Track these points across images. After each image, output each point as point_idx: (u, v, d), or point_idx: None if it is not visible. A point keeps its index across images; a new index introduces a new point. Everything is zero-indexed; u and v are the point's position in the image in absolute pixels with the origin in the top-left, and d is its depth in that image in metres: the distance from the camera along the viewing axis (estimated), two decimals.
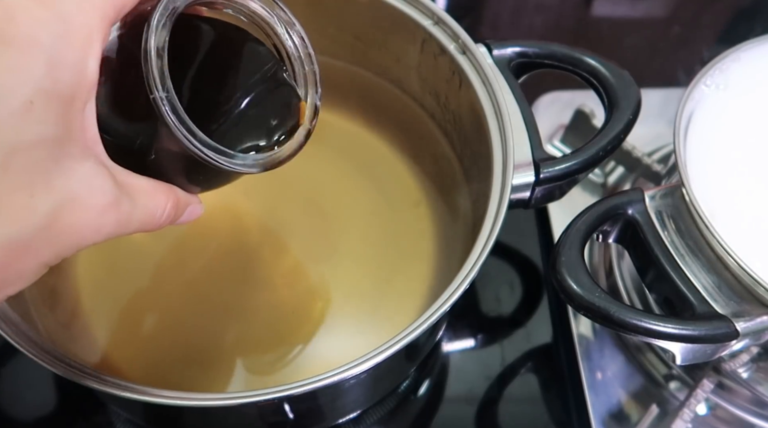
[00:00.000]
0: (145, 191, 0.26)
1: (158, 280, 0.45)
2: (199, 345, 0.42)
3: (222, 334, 0.43)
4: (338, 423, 0.45)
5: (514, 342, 0.50)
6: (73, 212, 0.23)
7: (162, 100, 0.25)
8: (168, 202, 0.27)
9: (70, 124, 0.22)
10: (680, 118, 0.40)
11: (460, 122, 0.45)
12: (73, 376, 0.31)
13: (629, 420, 0.46)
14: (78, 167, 0.23)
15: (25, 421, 0.46)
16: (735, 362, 0.44)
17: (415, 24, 0.44)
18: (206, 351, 0.42)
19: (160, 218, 0.27)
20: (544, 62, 0.42)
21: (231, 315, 0.43)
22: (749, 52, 0.43)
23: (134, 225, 0.26)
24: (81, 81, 0.22)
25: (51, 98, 0.21)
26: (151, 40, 0.25)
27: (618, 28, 0.72)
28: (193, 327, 0.43)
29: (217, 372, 0.41)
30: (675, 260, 0.37)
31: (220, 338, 0.42)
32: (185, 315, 0.43)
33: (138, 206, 0.26)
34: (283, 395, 0.31)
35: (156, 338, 0.43)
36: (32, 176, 0.22)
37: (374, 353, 0.31)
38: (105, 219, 0.24)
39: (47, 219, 0.22)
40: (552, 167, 0.38)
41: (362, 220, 0.47)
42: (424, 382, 0.49)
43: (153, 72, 0.25)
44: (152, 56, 0.25)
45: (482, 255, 0.34)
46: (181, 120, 0.26)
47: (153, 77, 0.25)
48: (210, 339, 0.42)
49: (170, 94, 0.25)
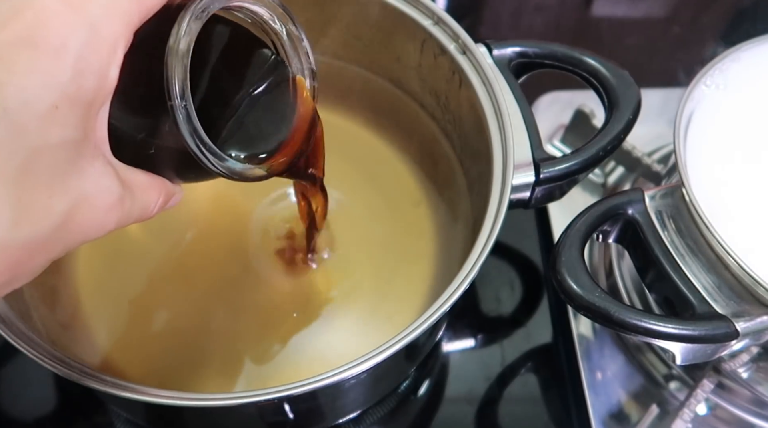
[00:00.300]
0: (142, 186, 0.27)
1: (158, 280, 0.45)
2: (199, 344, 0.42)
3: (222, 333, 0.43)
4: (338, 423, 0.45)
5: (514, 342, 0.51)
6: (84, 211, 0.24)
7: (179, 109, 0.25)
8: (160, 195, 0.28)
9: (87, 126, 0.23)
10: (680, 118, 0.40)
11: (460, 122, 0.45)
12: (73, 376, 0.31)
13: (629, 420, 0.46)
14: (89, 168, 0.23)
15: (25, 421, 0.46)
16: (735, 362, 0.44)
17: (415, 24, 0.44)
18: (206, 350, 0.42)
19: (152, 211, 0.28)
20: (544, 62, 0.42)
21: (231, 315, 0.43)
22: (749, 52, 0.43)
23: (132, 219, 0.26)
24: (102, 87, 0.23)
25: (74, 103, 0.22)
26: (177, 46, 0.25)
27: (618, 28, 0.72)
28: (193, 327, 0.43)
29: (216, 372, 0.41)
30: (675, 260, 0.37)
31: (220, 337, 0.42)
32: (185, 315, 0.43)
33: (137, 201, 0.26)
34: (283, 395, 0.31)
35: (156, 338, 0.43)
36: (52, 177, 0.22)
37: (374, 353, 0.31)
38: (110, 216, 0.25)
39: (62, 219, 0.23)
40: (552, 167, 0.38)
41: (362, 220, 0.47)
42: (424, 382, 0.49)
43: (174, 80, 0.25)
44: (175, 64, 0.25)
45: (482, 255, 0.34)
46: (194, 130, 0.26)
47: (173, 85, 0.25)
48: (210, 339, 0.42)
49: (188, 103, 0.25)
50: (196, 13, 0.26)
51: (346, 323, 0.43)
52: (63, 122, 0.22)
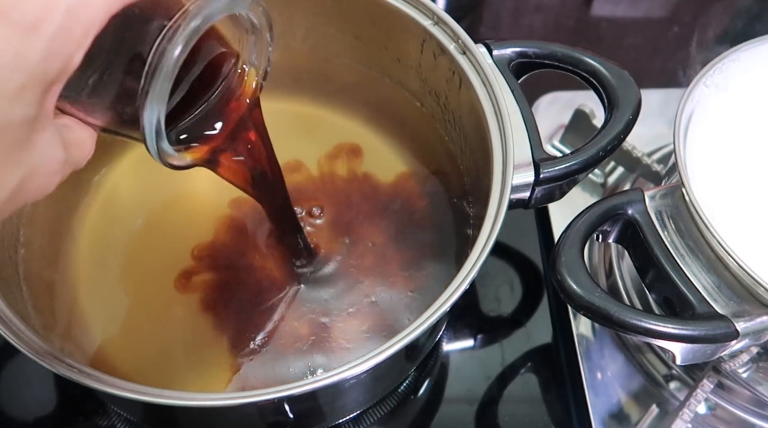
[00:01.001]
0: (80, 145, 0.27)
1: (158, 278, 0.45)
2: (199, 344, 0.42)
3: (221, 333, 0.43)
4: (338, 423, 0.45)
5: (514, 342, 0.51)
6: (33, 180, 0.24)
7: (147, 117, 0.26)
8: (92, 149, 0.28)
9: (45, 103, 0.23)
10: (680, 118, 0.40)
11: (460, 122, 0.45)
12: (73, 376, 0.31)
13: (629, 420, 0.46)
14: (40, 140, 0.24)
15: (25, 421, 0.46)
16: (735, 362, 0.44)
17: (415, 24, 0.44)
18: (206, 350, 0.42)
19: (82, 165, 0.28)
20: (544, 62, 0.42)
21: (231, 314, 0.43)
22: (749, 52, 0.43)
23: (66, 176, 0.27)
24: (67, 69, 0.23)
25: (39, 84, 0.22)
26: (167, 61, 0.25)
27: (618, 28, 0.72)
28: (193, 326, 0.43)
29: (216, 371, 0.41)
30: (675, 260, 0.37)
31: (220, 337, 0.42)
32: (184, 314, 0.43)
33: (74, 159, 0.27)
34: (283, 395, 0.31)
35: (155, 336, 0.43)
36: (8, 154, 0.23)
37: (374, 353, 0.31)
38: (54, 180, 0.25)
39: (13, 192, 0.23)
40: (552, 167, 0.38)
41: (361, 220, 0.47)
42: (424, 382, 0.49)
43: (155, 91, 0.26)
44: (160, 81, 0.25)
45: (482, 255, 0.34)
46: (158, 132, 0.26)
47: (152, 96, 0.26)
48: (209, 338, 0.42)
49: (160, 115, 0.26)
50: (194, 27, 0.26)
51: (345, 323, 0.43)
52: (27, 101, 0.22)
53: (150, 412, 0.41)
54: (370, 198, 0.48)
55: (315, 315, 0.43)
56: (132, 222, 0.47)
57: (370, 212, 0.47)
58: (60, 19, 0.22)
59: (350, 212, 0.47)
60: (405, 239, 0.46)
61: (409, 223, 0.47)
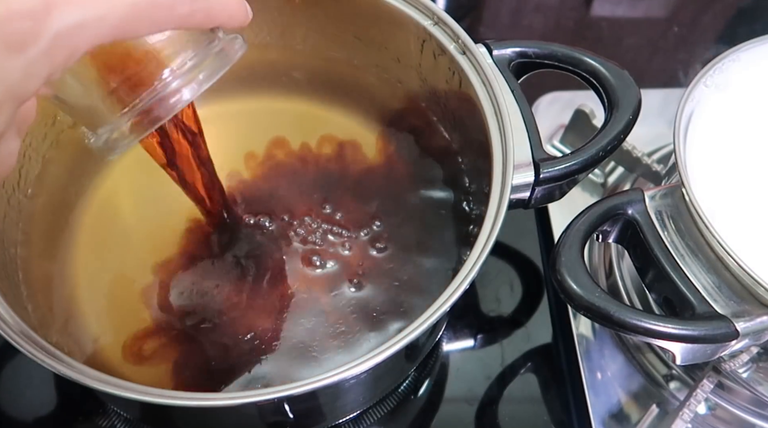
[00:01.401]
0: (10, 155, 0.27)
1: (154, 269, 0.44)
2: (198, 343, 0.42)
3: (221, 332, 0.42)
4: (338, 423, 0.45)
5: (514, 342, 0.50)
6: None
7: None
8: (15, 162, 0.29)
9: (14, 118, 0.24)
10: (680, 118, 0.40)
11: (460, 122, 0.45)
12: (73, 376, 0.31)
13: (629, 420, 0.46)
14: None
15: (25, 421, 0.46)
16: (735, 362, 0.44)
17: (415, 24, 0.44)
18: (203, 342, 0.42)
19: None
20: (544, 62, 0.42)
21: (230, 312, 0.43)
22: (749, 52, 0.43)
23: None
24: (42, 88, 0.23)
25: (15, 101, 0.23)
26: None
27: (618, 28, 0.72)
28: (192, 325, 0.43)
29: (216, 371, 0.41)
30: (675, 260, 0.37)
31: (219, 336, 0.42)
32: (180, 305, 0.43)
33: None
34: (283, 395, 0.31)
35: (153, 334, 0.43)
36: None
37: (374, 353, 0.31)
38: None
39: None
40: (552, 167, 0.38)
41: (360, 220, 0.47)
42: (424, 382, 0.49)
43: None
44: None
45: (482, 255, 0.34)
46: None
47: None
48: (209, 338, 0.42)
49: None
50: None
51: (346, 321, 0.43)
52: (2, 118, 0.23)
53: (150, 412, 0.41)
54: (369, 198, 0.48)
55: (315, 315, 0.43)
56: (130, 220, 0.47)
57: (369, 212, 0.47)
58: (46, 43, 0.22)
59: (349, 212, 0.47)
60: (404, 238, 0.46)
61: (408, 223, 0.47)
